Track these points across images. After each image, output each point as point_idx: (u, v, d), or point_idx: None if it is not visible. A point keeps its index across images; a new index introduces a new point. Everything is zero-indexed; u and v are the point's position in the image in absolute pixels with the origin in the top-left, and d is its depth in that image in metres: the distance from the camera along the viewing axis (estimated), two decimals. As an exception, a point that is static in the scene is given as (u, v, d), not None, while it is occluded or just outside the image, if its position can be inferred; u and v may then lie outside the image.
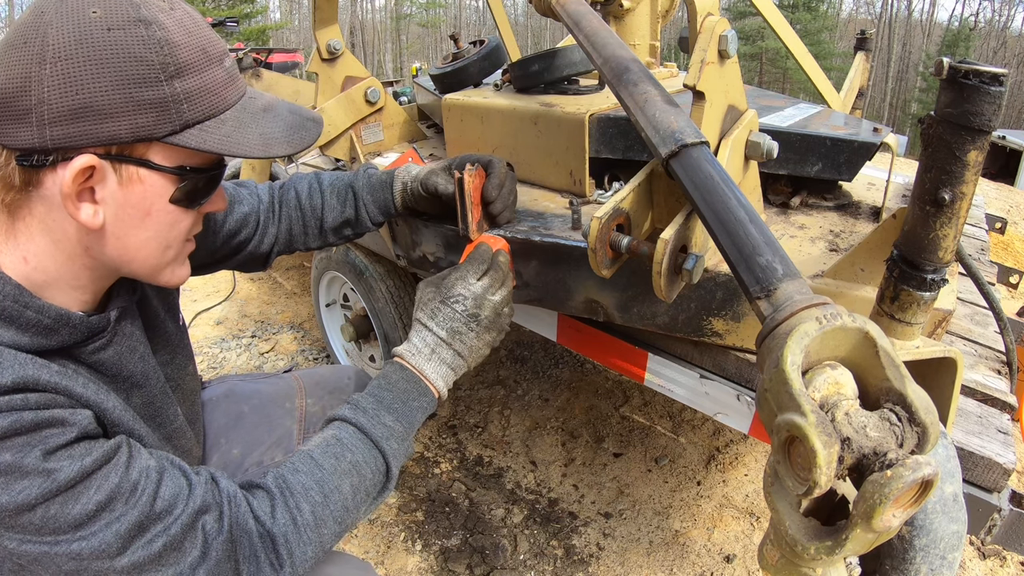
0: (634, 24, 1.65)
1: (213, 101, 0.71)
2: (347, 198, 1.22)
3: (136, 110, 0.65)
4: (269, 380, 1.28)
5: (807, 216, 1.39)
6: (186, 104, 0.68)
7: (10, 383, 0.61)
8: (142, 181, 0.69)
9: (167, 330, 0.93)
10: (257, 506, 0.76)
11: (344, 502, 0.82)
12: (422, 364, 0.95)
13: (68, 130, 0.63)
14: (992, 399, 1.16)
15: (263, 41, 19.99)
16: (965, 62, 0.67)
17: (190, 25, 0.69)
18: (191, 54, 0.68)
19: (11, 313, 0.65)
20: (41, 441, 0.62)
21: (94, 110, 0.63)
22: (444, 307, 0.98)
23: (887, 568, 0.79)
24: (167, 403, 0.88)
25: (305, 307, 3.14)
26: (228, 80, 0.73)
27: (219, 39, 0.73)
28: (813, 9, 25.54)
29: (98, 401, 0.71)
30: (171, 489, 0.70)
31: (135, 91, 0.64)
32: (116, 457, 0.68)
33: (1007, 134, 8.82)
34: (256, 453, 1.15)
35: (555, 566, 1.75)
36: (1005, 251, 4.24)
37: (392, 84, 3.45)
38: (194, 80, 0.68)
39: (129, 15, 0.64)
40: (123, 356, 0.79)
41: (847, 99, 2.12)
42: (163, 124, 0.67)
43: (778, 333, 0.63)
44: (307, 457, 0.82)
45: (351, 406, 0.90)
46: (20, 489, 0.60)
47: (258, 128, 0.75)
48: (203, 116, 0.70)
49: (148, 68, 0.65)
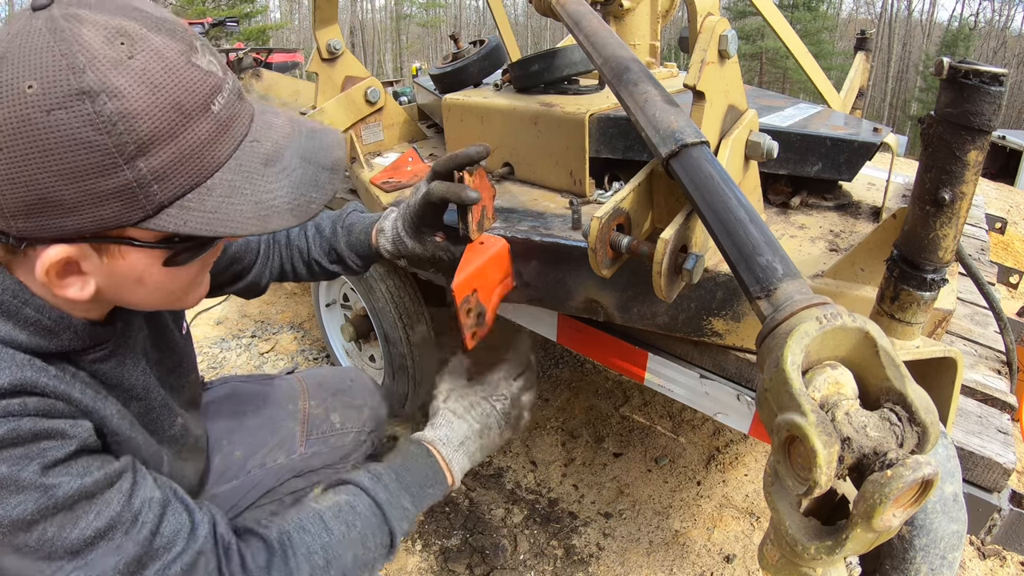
0: (634, 24, 1.65)
1: (195, 168, 0.59)
2: (331, 253, 1.16)
3: (95, 203, 0.55)
4: (271, 382, 1.27)
5: (807, 216, 1.39)
6: (156, 185, 0.57)
7: (7, 385, 0.58)
8: (124, 257, 0.62)
9: (173, 339, 0.92)
10: (251, 558, 0.74)
11: (344, 571, 0.80)
12: (450, 455, 0.95)
13: (27, 224, 0.56)
14: (992, 399, 1.16)
15: (263, 41, 20.00)
16: (965, 62, 0.66)
17: (157, 76, 0.56)
18: (158, 120, 0.55)
19: (9, 307, 0.61)
20: (39, 454, 0.59)
21: (51, 205, 0.55)
22: (485, 403, 0.99)
23: (887, 568, 0.79)
24: (165, 413, 0.86)
25: (305, 307, 3.14)
26: (217, 132, 0.60)
27: (203, 77, 0.59)
28: (813, 9, 25.53)
29: (97, 408, 0.68)
30: (172, 526, 0.68)
31: (90, 183, 0.54)
32: (119, 482, 0.66)
33: (1007, 134, 8.82)
34: (259, 455, 1.15)
35: (555, 566, 1.75)
36: (1005, 251, 4.24)
37: (392, 84, 3.46)
38: (164, 152, 0.56)
39: (70, 87, 0.52)
40: (125, 368, 0.76)
41: (847, 99, 2.12)
42: (132, 212, 0.57)
43: (778, 333, 0.63)
44: (317, 517, 0.81)
45: (372, 477, 0.88)
46: (16, 504, 0.58)
47: (254, 194, 0.62)
48: (181, 191, 0.59)
49: (100, 154, 0.54)
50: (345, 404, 1.25)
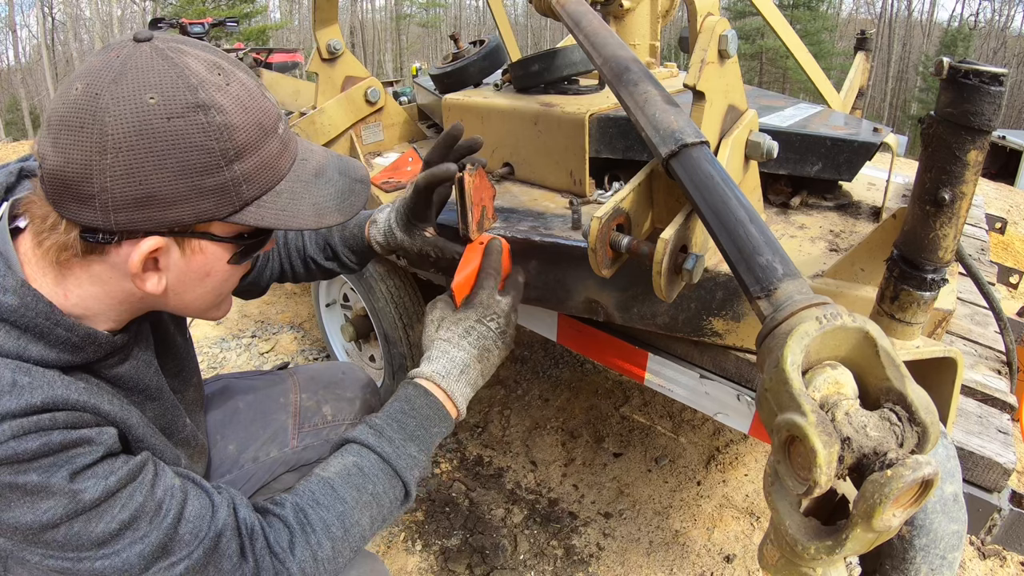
0: (634, 24, 1.65)
1: (269, 175, 0.72)
2: (326, 249, 1.19)
3: (199, 197, 0.66)
4: (264, 376, 1.28)
5: (807, 216, 1.39)
6: (245, 185, 0.69)
7: (39, 403, 0.61)
8: (203, 252, 0.72)
9: (176, 344, 0.94)
10: (274, 540, 0.75)
11: (363, 533, 0.81)
12: (451, 386, 0.92)
13: (132, 216, 0.65)
14: (992, 399, 1.16)
15: (263, 41, 20.00)
16: (965, 62, 0.67)
17: (246, 100, 0.69)
18: (249, 134, 0.68)
19: (42, 329, 0.66)
20: (68, 461, 0.62)
21: (158, 199, 0.64)
22: (480, 325, 0.96)
23: (887, 568, 0.79)
24: (177, 415, 0.89)
25: (305, 307, 3.14)
26: (282, 149, 0.74)
27: (271, 106, 0.73)
28: (813, 9, 25.52)
29: (124, 418, 0.72)
30: (195, 511, 0.71)
31: (198, 180, 0.65)
32: (141, 476, 0.68)
33: (1007, 134, 8.82)
34: (251, 449, 1.15)
35: (555, 566, 1.75)
36: (1005, 251, 4.24)
37: (392, 84, 3.45)
38: (252, 160, 0.69)
39: (188, 101, 0.64)
40: (139, 370, 0.80)
41: (847, 99, 2.13)
42: (224, 207, 0.69)
43: (778, 333, 0.63)
44: (328, 487, 0.81)
45: (373, 432, 0.87)
46: (46, 509, 0.61)
47: (311, 197, 0.76)
48: (260, 192, 0.72)
49: (209, 156, 0.65)
50: (337, 397, 1.26)
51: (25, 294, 0.65)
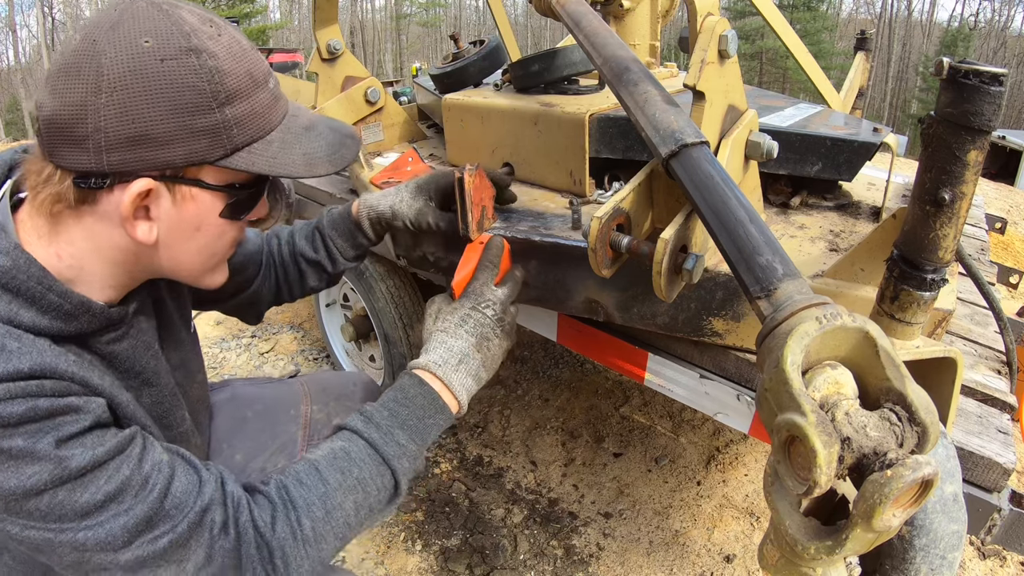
0: (634, 24, 1.65)
1: (260, 123, 0.73)
2: (315, 238, 1.19)
3: (190, 137, 0.67)
4: (274, 385, 1.26)
5: (807, 216, 1.39)
6: (236, 129, 0.70)
7: (27, 370, 0.61)
8: (194, 199, 0.73)
9: (180, 335, 0.93)
10: (258, 515, 0.75)
11: (346, 518, 0.80)
12: (449, 375, 0.91)
13: (125, 156, 0.65)
14: (992, 399, 1.16)
15: (263, 41, 20.02)
16: (965, 62, 0.67)
17: (237, 51, 0.71)
18: (240, 80, 0.70)
19: (34, 294, 0.65)
20: (55, 428, 0.62)
21: (150, 138, 0.65)
22: (475, 312, 0.95)
23: (887, 568, 0.79)
24: (176, 405, 0.88)
25: (305, 307, 3.14)
26: (273, 101, 0.75)
27: (262, 60, 0.75)
28: (813, 9, 25.52)
29: (113, 394, 0.71)
30: (182, 486, 0.70)
31: (189, 120, 0.67)
32: (129, 448, 0.68)
33: (1007, 134, 8.82)
34: (259, 459, 1.14)
35: (555, 566, 1.75)
36: (1005, 251, 4.24)
37: (392, 84, 3.45)
38: (243, 105, 0.71)
39: (181, 45, 0.66)
40: (137, 351, 0.79)
41: (847, 99, 2.13)
42: (215, 149, 0.70)
43: (778, 333, 0.63)
44: (312, 469, 0.81)
45: (363, 418, 0.87)
46: (31, 474, 0.60)
47: (301, 148, 0.77)
48: (251, 139, 0.73)
49: (201, 97, 0.67)
50: (348, 409, 1.24)
51: (18, 256, 0.65)
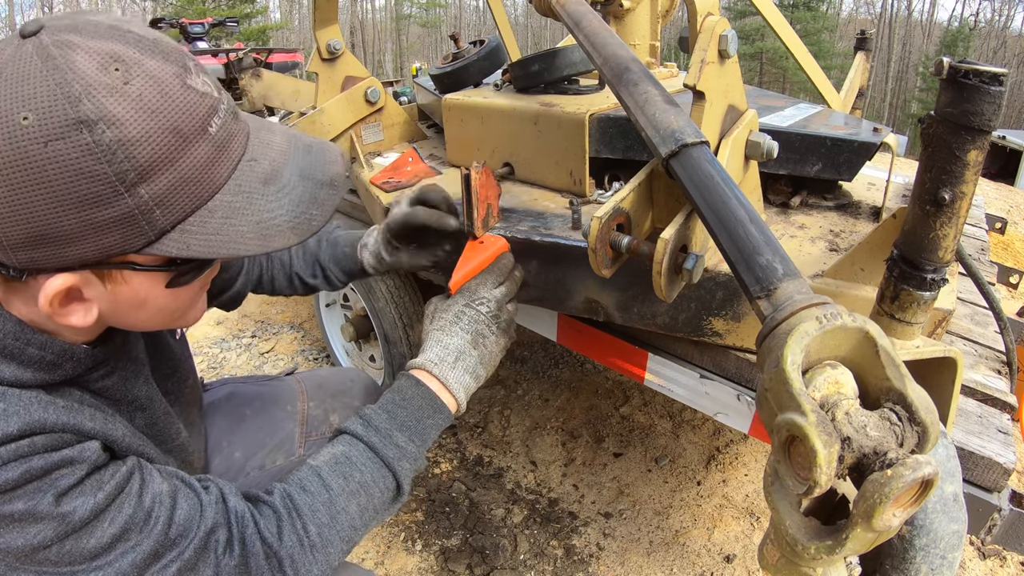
0: (634, 24, 1.65)
1: (195, 191, 0.59)
2: (315, 267, 1.17)
3: (97, 233, 0.56)
4: (271, 383, 1.27)
5: (807, 216, 1.39)
6: (158, 210, 0.57)
7: (16, 431, 0.58)
8: (128, 282, 0.62)
9: (168, 345, 0.92)
10: (264, 526, 0.75)
11: (351, 522, 0.80)
12: (446, 373, 0.90)
13: (32, 255, 0.56)
14: (992, 399, 1.16)
15: (263, 41, 20.01)
16: (965, 62, 0.66)
17: (154, 101, 0.56)
18: (157, 145, 0.56)
19: (12, 350, 0.61)
20: (52, 485, 0.60)
21: (51, 237, 0.55)
22: (469, 309, 0.95)
23: (887, 568, 0.79)
24: (169, 423, 0.87)
25: (305, 307, 3.14)
26: (215, 153, 0.60)
27: (201, 97, 0.59)
28: (813, 9, 25.51)
29: (106, 432, 0.69)
30: (184, 513, 0.69)
31: (90, 213, 0.54)
32: (128, 485, 0.67)
33: (1007, 134, 8.82)
34: (258, 456, 1.15)
35: (555, 566, 1.75)
36: (1005, 251, 4.24)
37: (392, 84, 3.45)
38: (165, 177, 0.57)
39: (67, 117, 0.52)
40: (128, 381, 0.77)
41: (847, 99, 2.12)
42: (134, 239, 0.58)
43: (778, 333, 0.63)
44: (315, 475, 0.80)
45: (363, 422, 0.86)
46: (35, 533, 0.59)
47: (254, 214, 0.63)
48: (183, 214, 0.59)
49: (99, 184, 0.54)
50: (345, 405, 1.25)
51: None
